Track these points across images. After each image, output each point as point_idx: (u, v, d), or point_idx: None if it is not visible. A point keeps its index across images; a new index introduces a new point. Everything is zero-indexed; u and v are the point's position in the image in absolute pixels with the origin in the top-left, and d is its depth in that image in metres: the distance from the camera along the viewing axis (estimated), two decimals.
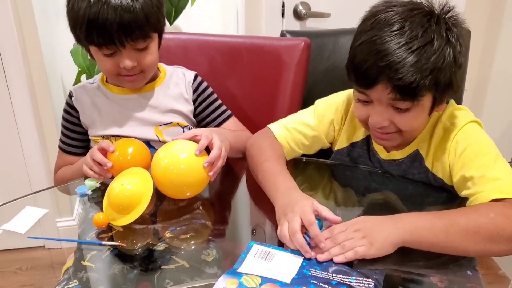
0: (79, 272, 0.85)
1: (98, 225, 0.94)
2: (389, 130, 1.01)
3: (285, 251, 0.86)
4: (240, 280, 0.77)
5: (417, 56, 0.90)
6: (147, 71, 1.22)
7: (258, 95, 1.49)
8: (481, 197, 0.92)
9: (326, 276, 0.79)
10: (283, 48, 1.44)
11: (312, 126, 1.17)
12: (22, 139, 1.94)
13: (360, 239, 0.84)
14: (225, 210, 1.12)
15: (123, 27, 1.09)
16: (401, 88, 0.92)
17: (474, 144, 0.99)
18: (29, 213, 0.99)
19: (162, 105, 1.28)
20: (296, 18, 1.96)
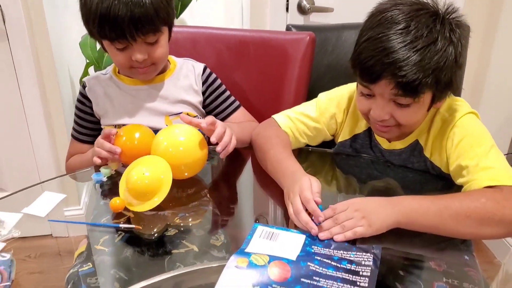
0: (92, 256, 0.88)
1: (114, 209, 0.98)
2: (389, 123, 1.05)
3: (288, 230, 0.91)
4: (249, 259, 0.82)
5: (420, 55, 0.93)
6: (158, 63, 1.25)
7: (264, 87, 1.52)
8: (475, 184, 0.96)
9: (328, 252, 0.85)
10: (289, 41, 1.47)
11: (313, 118, 1.21)
12: (31, 129, 1.98)
13: (360, 219, 0.88)
14: (231, 197, 1.15)
15: (134, 22, 1.12)
16: (403, 85, 0.95)
17: (470, 135, 1.03)
18: (48, 198, 1.03)
19: (172, 96, 1.32)
20: (300, 12, 2.00)
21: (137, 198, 0.99)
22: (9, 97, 1.90)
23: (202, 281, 0.86)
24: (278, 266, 0.81)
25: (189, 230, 0.95)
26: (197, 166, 1.09)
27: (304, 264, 0.81)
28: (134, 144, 1.12)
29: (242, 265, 0.81)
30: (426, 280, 0.82)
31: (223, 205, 1.10)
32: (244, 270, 0.80)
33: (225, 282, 0.78)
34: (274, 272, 0.79)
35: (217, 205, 1.08)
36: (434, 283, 0.81)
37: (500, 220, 0.89)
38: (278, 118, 1.22)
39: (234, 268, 0.80)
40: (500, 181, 0.94)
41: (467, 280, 0.82)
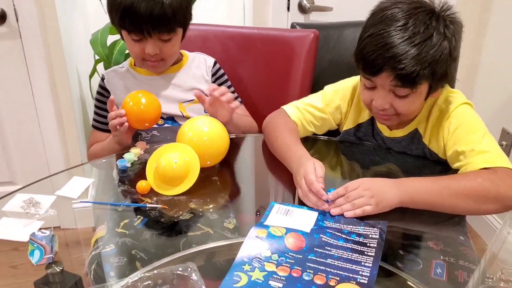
0: (113, 238, 0.92)
1: (141, 190, 1.05)
2: (389, 112, 1.12)
3: (301, 207, 1.00)
4: (268, 230, 0.90)
5: (418, 50, 1.01)
6: (167, 60, 1.35)
7: (271, 81, 1.60)
8: (471, 167, 1.04)
9: (339, 226, 0.93)
10: (294, 38, 1.55)
11: (320, 108, 1.29)
12: (41, 125, 2.03)
13: (369, 198, 0.96)
14: (242, 183, 1.20)
15: (152, 20, 1.21)
16: (402, 76, 1.02)
17: (465, 123, 1.11)
18: (78, 182, 1.09)
19: (185, 84, 1.41)
20: (300, 11, 2.08)
21: (166, 183, 1.06)
22: (21, 93, 1.96)
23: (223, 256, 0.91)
24: (294, 237, 0.89)
25: (203, 214, 1.00)
26: (219, 155, 1.16)
27: (317, 236, 0.89)
28: (140, 108, 1.22)
29: (261, 235, 0.89)
30: (425, 259, 0.87)
31: (234, 191, 1.16)
32: (264, 239, 0.88)
33: (247, 249, 0.85)
34: (290, 242, 0.87)
35: (228, 191, 1.14)
36: (433, 260, 0.86)
37: (495, 198, 0.97)
38: (287, 109, 1.30)
39: (254, 238, 0.88)
40: (494, 163, 1.02)
41: (463, 258, 0.88)
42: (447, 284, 0.82)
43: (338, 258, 0.84)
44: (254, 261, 0.83)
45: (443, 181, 1.00)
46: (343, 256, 0.85)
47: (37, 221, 0.94)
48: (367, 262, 0.83)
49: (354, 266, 0.82)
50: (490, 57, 2.21)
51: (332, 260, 0.83)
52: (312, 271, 0.81)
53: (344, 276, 0.80)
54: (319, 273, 0.80)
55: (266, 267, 0.81)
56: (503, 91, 2.10)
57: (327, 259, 0.84)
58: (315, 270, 0.81)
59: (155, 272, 0.73)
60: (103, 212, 1.04)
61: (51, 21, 1.87)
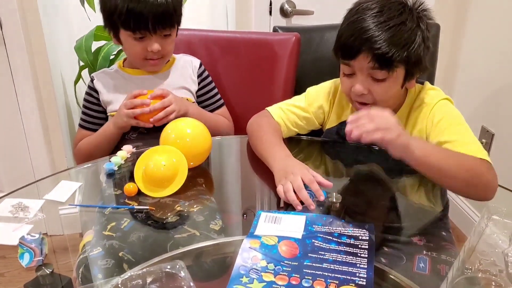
0: (101, 241, 0.92)
1: (128, 193, 1.06)
2: (367, 99, 1.17)
3: (288, 213, 0.99)
4: (261, 240, 0.90)
5: (392, 32, 1.08)
6: (166, 57, 1.41)
7: (254, 84, 1.63)
8: None
9: (328, 230, 0.94)
10: (276, 42, 1.58)
11: (303, 108, 1.32)
12: (27, 132, 2.02)
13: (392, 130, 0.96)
14: (226, 184, 1.21)
15: (157, 16, 1.29)
16: (378, 57, 1.08)
17: (448, 115, 1.16)
18: (65, 186, 1.10)
19: (174, 83, 1.46)
20: (282, 15, 2.10)
21: (154, 185, 1.07)
22: (6, 100, 1.95)
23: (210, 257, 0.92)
24: (287, 245, 0.89)
25: (189, 216, 1.01)
26: (202, 156, 1.18)
27: (309, 242, 0.90)
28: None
29: (255, 246, 0.89)
30: (409, 254, 0.89)
31: (219, 192, 1.17)
32: (258, 250, 0.88)
33: (242, 262, 0.85)
34: (284, 250, 0.88)
35: (213, 193, 1.15)
36: (416, 255, 0.88)
37: (485, 184, 1.01)
38: (271, 110, 1.33)
39: (248, 249, 0.88)
40: (477, 154, 1.05)
41: (445, 252, 0.90)
42: (430, 277, 0.84)
43: (333, 261, 0.85)
44: (251, 272, 0.82)
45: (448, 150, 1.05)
46: (338, 259, 0.85)
47: (26, 224, 0.95)
48: (362, 264, 0.84)
49: (350, 269, 0.83)
50: (469, 57, 2.26)
51: (327, 264, 0.84)
52: (311, 277, 0.81)
53: (343, 279, 0.80)
54: (318, 279, 0.81)
55: (264, 278, 0.81)
56: (482, 90, 2.15)
57: (323, 264, 0.84)
58: (313, 276, 0.81)
59: (144, 270, 0.74)
60: (90, 217, 1.04)
61: (34, 28, 1.88)
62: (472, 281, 0.79)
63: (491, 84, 2.09)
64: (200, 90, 1.52)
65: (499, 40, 2.03)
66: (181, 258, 0.87)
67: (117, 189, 1.11)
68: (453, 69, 2.34)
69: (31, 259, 0.85)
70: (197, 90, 1.51)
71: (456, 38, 2.29)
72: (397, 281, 0.83)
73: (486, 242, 0.87)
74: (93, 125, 1.47)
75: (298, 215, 0.99)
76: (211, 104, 1.54)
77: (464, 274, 0.80)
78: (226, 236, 0.95)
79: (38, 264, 0.83)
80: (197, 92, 1.52)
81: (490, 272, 0.80)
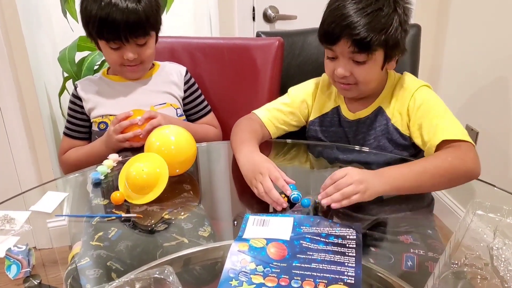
0: (88, 251, 0.92)
1: (115, 201, 1.06)
2: (349, 81, 1.22)
3: (276, 216, 1.00)
4: (249, 243, 0.90)
5: (370, 18, 1.13)
6: (146, 62, 1.41)
7: (239, 90, 1.64)
8: (435, 140, 1.13)
9: (316, 230, 0.94)
10: (260, 47, 1.60)
11: (288, 104, 1.37)
12: (12, 144, 2.00)
13: (358, 185, 0.98)
14: (214, 190, 1.22)
15: (128, 26, 1.29)
16: (358, 42, 1.14)
17: (429, 99, 1.22)
18: (52, 196, 1.10)
19: (157, 88, 1.47)
20: (266, 21, 2.13)
21: (136, 192, 1.07)
22: None
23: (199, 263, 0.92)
24: (275, 247, 0.89)
25: (177, 224, 1.01)
26: (187, 163, 1.18)
27: (297, 243, 0.90)
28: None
29: (243, 249, 0.89)
30: (396, 253, 0.90)
31: (207, 198, 1.17)
32: (246, 253, 0.88)
33: (231, 264, 0.85)
34: (273, 252, 0.88)
35: (201, 199, 1.14)
36: (403, 254, 0.89)
37: (464, 173, 1.06)
38: (257, 112, 1.37)
39: (237, 252, 0.87)
40: (457, 136, 1.11)
41: (431, 250, 0.91)
42: (418, 275, 0.85)
43: (321, 261, 0.85)
44: (240, 275, 0.82)
45: (419, 166, 1.06)
46: (326, 259, 0.86)
47: (13, 236, 0.95)
48: (350, 263, 0.84)
49: (339, 268, 0.83)
50: (452, 57, 2.30)
51: (316, 264, 0.84)
52: (300, 278, 0.81)
53: (331, 278, 0.81)
54: (307, 279, 0.81)
55: (254, 280, 0.81)
56: (466, 90, 2.18)
57: (312, 264, 0.84)
58: (302, 276, 0.82)
59: (132, 277, 0.73)
60: (79, 228, 1.04)
61: (17, 40, 1.86)
62: (458, 275, 0.80)
63: (475, 83, 2.12)
64: (187, 98, 1.53)
65: (481, 39, 2.06)
66: (170, 264, 0.85)
67: (104, 199, 1.11)
68: (437, 69, 2.38)
69: (19, 271, 0.85)
70: (184, 98, 1.52)
71: (439, 38, 2.32)
72: (386, 280, 0.84)
73: (471, 236, 0.88)
74: (77, 133, 1.47)
75: (285, 217, 0.99)
76: (198, 111, 1.55)
77: (451, 268, 0.81)
78: (215, 242, 0.95)
79: (26, 276, 0.83)
80: (183, 100, 1.52)
81: (476, 265, 0.81)
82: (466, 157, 1.07)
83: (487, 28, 2.02)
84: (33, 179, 2.07)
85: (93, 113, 1.44)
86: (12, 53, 1.87)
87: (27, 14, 2.01)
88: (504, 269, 0.79)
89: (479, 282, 0.79)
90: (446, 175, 1.04)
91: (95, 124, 1.44)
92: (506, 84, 1.91)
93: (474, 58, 2.12)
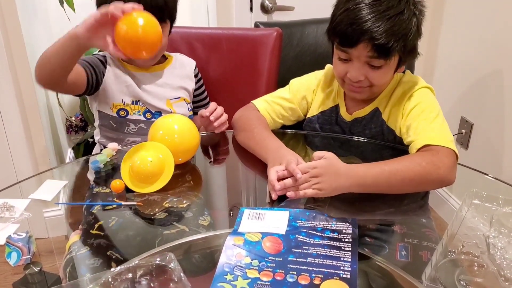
0: (88, 239, 0.92)
1: (115, 190, 1.06)
2: (363, 84, 1.19)
3: (271, 209, 0.99)
4: (244, 237, 0.90)
5: (392, 23, 1.09)
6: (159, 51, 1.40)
7: (238, 79, 1.64)
8: (417, 143, 1.11)
9: (311, 224, 0.94)
10: (258, 37, 1.59)
11: (288, 99, 1.35)
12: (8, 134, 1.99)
13: (314, 184, 1.00)
14: (214, 180, 1.23)
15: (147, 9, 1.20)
16: (378, 47, 1.10)
17: (423, 103, 1.19)
18: (51, 185, 1.10)
19: (172, 83, 1.47)
20: (263, 11, 2.12)
21: (141, 181, 1.07)
22: None
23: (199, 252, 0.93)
24: (271, 241, 0.89)
25: (178, 213, 1.00)
26: (190, 152, 1.18)
27: (293, 237, 0.90)
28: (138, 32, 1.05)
29: (238, 243, 0.88)
30: (390, 243, 0.91)
31: (207, 188, 1.17)
32: (241, 247, 0.87)
33: (226, 259, 0.84)
34: (268, 246, 0.87)
35: (201, 189, 1.15)
36: (397, 244, 0.89)
37: (435, 179, 1.03)
38: (256, 103, 1.35)
39: (232, 246, 0.87)
40: (437, 142, 1.08)
41: (426, 239, 0.92)
42: (413, 264, 0.85)
43: (317, 256, 0.85)
44: (235, 269, 0.82)
45: (390, 167, 1.03)
46: (322, 253, 0.86)
47: (13, 224, 0.95)
48: (346, 257, 0.84)
49: (335, 262, 0.83)
50: (447, 49, 2.30)
51: (312, 259, 0.84)
52: (295, 272, 0.81)
53: (327, 273, 0.81)
54: (302, 273, 0.81)
55: (249, 274, 0.81)
56: (461, 82, 2.19)
57: (307, 258, 0.84)
58: (298, 270, 0.81)
59: (133, 264, 0.74)
60: (76, 218, 1.04)
61: (13, 30, 1.85)
62: (455, 263, 0.82)
63: (470, 75, 2.13)
64: (196, 91, 1.54)
65: (477, 31, 2.06)
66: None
67: (104, 187, 1.11)
68: (432, 61, 2.38)
69: (19, 258, 0.85)
70: (194, 90, 1.53)
71: (434, 30, 2.33)
72: (383, 267, 0.84)
73: (468, 225, 0.90)
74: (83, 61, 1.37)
75: (281, 211, 0.98)
76: (202, 101, 1.57)
77: (448, 257, 0.82)
78: (215, 230, 0.96)
79: (26, 263, 0.83)
80: (193, 92, 1.53)
81: (473, 254, 0.83)
82: (441, 163, 1.03)
83: (482, 20, 2.02)
84: (30, 169, 2.06)
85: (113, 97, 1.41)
86: (9, 43, 1.86)
87: (24, 3, 1.99)
88: (500, 257, 0.81)
89: (476, 270, 0.80)
90: (416, 179, 1.02)
91: (114, 108, 1.42)
92: (501, 76, 1.93)
93: (469, 50, 2.12)
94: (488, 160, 2.02)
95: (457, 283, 0.77)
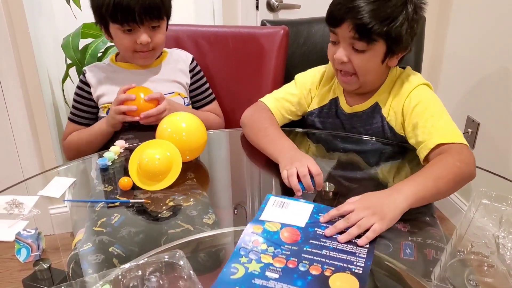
0: (91, 236, 0.93)
1: (123, 187, 1.07)
2: (348, 69, 1.21)
3: (296, 200, 1.00)
4: (264, 226, 0.91)
5: (375, 5, 1.12)
6: (157, 49, 1.42)
7: (244, 78, 1.64)
8: (430, 143, 1.11)
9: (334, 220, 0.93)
10: (265, 35, 1.59)
11: (295, 94, 1.37)
12: (15, 131, 1.99)
13: (372, 216, 0.88)
14: (219, 179, 1.23)
15: (144, 7, 1.30)
16: (359, 27, 1.13)
17: (425, 100, 1.20)
18: (59, 182, 1.10)
19: (166, 77, 1.47)
20: (269, 10, 2.12)
21: (149, 179, 1.08)
22: None
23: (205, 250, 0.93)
24: (289, 231, 0.90)
25: (182, 211, 1.01)
26: (198, 150, 1.19)
27: (312, 230, 0.91)
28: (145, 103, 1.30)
29: (257, 231, 0.90)
30: (395, 241, 0.90)
31: (212, 186, 1.18)
32: (260, 235, 0.89)
33: (243, 244, 0.87)
34: (286, 236, 0.89)
35: (206, 187, 1.16)
36: (402, 242, 0.89)
37: (469, 176, 1.05)
38: (265, 101, 1.36)
39: (250, 233, 0.89)
40: (452, 139, 1.09)
41: (430, 237, 0.92)
42: (417, 262, 0.85)
43: (333, 249, 0.85)
44: (250, 254, 0.84)
45: (433, 173, 1.01)
46: (338, 247, 0.86)
47: (22, 220, 0.95)
48: (362, 253, 0.84)
49: (349, 257, 0.83)
50: (453, 48, 2.29)
51: (327, 251, 0.85)
52: (308, 262, 0.82)
53: (339, 267, 0.81)
54: (315, 264, 0.82)
55: (263, 259, 0.82)
56: (467, 81, 2.18)
57: (322, 250, 0.85)
58: (311, 261, 0.82)
59: (143, 261, 0.74)
60: (82, 215, 1.04)
61: (20, 27, 1.85)
62: (465, 263, 0.81)
63: (476, 74, 2.12)
64: (192, 85, 1.53)
65: (483, 30, 2.06)
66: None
67: (110, 185, 1.11)
68: (438, 61, 2.37)
69: (28, 254, 0.85)
70: (189, 85, 1.52)
71: (440, 29, 2.32)
72: (391, 266, 0.85)
73: (477, 225, 0.89)
74: (83, 119, 1.47)
75: (306, 203, 0.99)
76: (202, 99, 1.56)
77: (457, 257, 0.82)
78: (220, 229, 0.96)
79: (36, 259, 0.83)
80: (189, 87, 1.52)
81: (482, 253, 0.82)
82: (469, 160, 1.06)
83: (488, 19, 2.02)
84: (36, 167, 2.07)
85: (102, 100, 1.44)
86: (16, 40, 1.86)
87: (30, 1, 1.99)
88: (510, 257, 0.81)
89: (485, 270, 0.80)
90: (458, 180, 1.02)
91: (103, 110, 1.44)
92: (507, 75, 1.92)
93: (476, 49, 2.12)
94: (494, 160, 2.01)
95: (466, 283, 0.77)
